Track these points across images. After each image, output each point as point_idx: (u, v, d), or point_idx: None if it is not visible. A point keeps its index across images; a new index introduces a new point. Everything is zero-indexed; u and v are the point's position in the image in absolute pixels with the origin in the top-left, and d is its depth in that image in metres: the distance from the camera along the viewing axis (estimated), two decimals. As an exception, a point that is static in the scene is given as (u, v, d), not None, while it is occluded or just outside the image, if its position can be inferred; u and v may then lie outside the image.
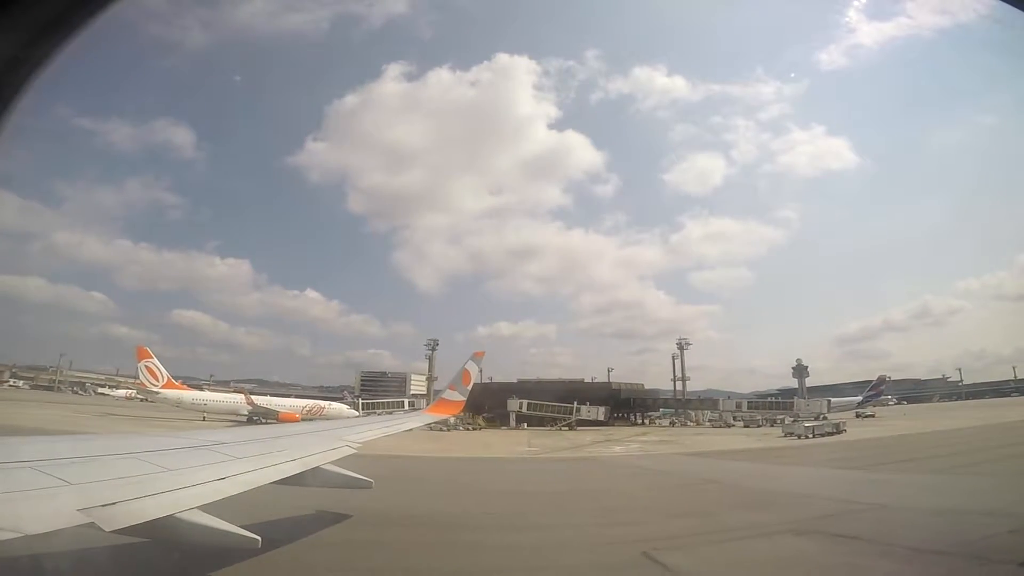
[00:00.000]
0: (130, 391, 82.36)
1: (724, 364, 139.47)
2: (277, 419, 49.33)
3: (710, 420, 69.47)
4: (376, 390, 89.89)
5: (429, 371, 74.30)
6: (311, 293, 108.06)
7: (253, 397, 56.10)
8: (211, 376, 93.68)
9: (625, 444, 46.68)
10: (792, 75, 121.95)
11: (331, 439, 11.00)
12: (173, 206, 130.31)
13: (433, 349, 74.50)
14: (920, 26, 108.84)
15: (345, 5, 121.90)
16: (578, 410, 65.35)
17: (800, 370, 77.13)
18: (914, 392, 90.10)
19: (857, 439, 42.92)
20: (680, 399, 75.02)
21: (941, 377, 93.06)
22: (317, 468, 9.12)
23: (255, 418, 49.55)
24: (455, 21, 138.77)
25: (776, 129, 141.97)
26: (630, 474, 29.56)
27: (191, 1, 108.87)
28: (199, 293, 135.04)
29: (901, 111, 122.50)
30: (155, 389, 55.13)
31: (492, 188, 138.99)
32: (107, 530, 4.98)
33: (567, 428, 62.50)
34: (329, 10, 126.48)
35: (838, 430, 47.83)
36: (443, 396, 22.79)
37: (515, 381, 76.62)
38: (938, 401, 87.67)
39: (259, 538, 6.28)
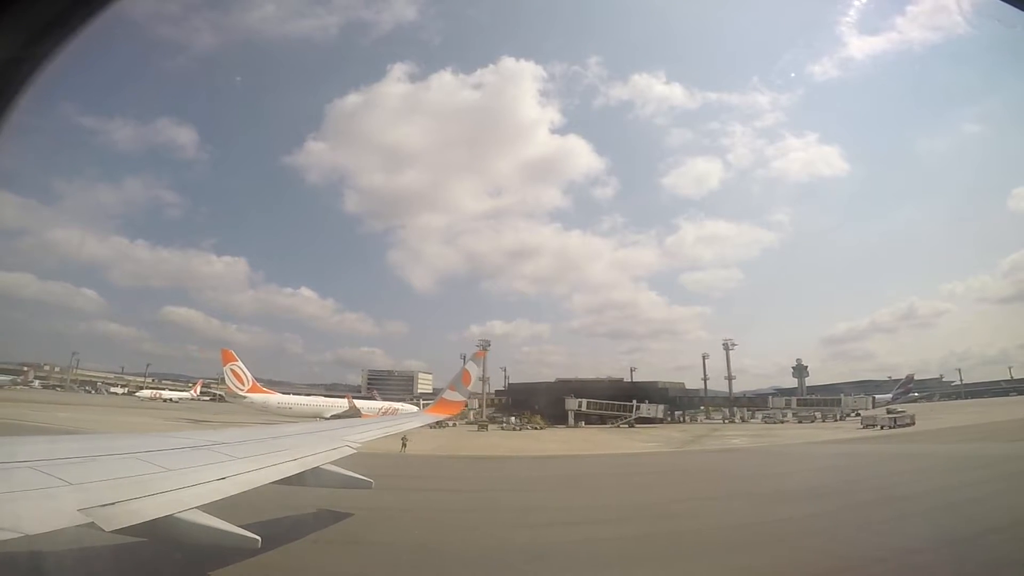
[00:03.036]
0: (155, 392, 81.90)
1: (713, 363, 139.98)
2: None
3: (764, 417, 69.44)
4: (382, 389, 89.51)
5: (482, 372, 73.31)
6: (305, 291, 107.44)
7: (356, 402, 56.47)
8: (219, 374, 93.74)
9: (728, 438, 47.72)
10: (787, 85, 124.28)
11: (331, 439, 10.99)
12: (172, 204, 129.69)
13: (485, 350, 73.76)
14: (909, 41, 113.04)
15: (355, 11, 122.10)
16: (637, 408, 65.40)
17: (800, 370, 78.14)
18: (914, 391, 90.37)
19: (941, 428, 44.28)
20: (728, 397, 76.05)
21: (938, 377, 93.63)
22: (317, 468, 9.09)
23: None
24: (462, 27, 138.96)
25: (771, 136, 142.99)
26: (838, 456, 33.26)
27: (202, 5, 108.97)
28: (193, 290, 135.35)
29: (890, 120, 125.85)
30: (242, 393, 54.73)
31: (492, 190, 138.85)
32: (107, 530, 4.97)
33: (627, 426, 62.18)
34: (339, 16, 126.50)
35: (912, 421, 49.29)
36: (443, 396, 22.82)
37: (554, 380, 76.98)
38: (939, 400, 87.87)
39: (259, 538, 6.27)
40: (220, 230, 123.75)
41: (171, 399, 79.18)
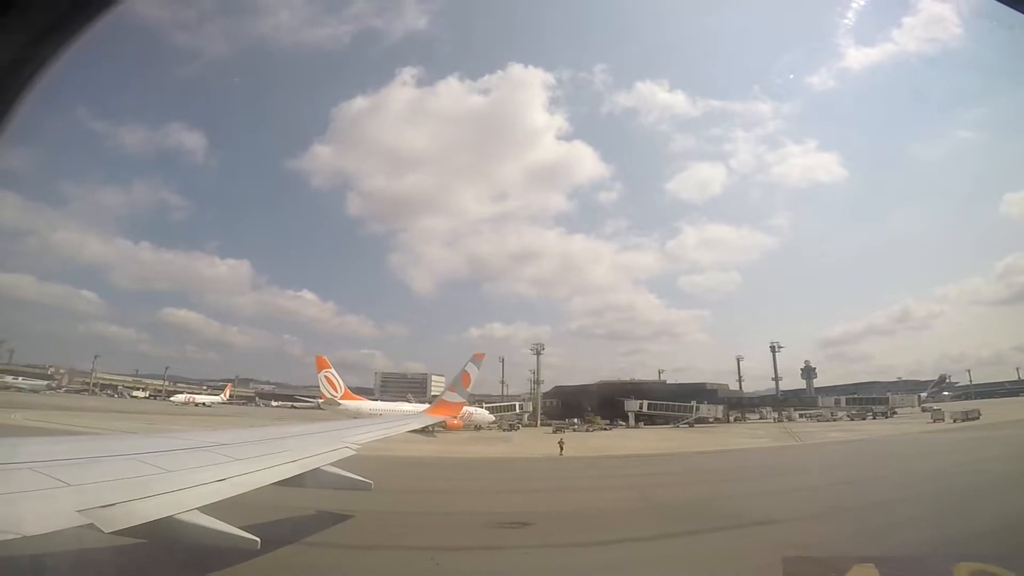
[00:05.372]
0: (189, 396, 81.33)
1: (710, 365, 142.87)
2: (447, 426, 47.83)
3: (817, 415, 69.40)
4: (393, 391, 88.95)
5: (536, 374, 73.62)
6: (307, 294, 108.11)
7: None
8: (236, 376, 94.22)
9: (817, 434, 50.39)
10: (787, 94, 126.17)
11: (331, 440, 10.99)
12: (177, 207, 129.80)
13: (538, 353, 73.58)
14: (904, 52, 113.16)
15: (366, 20, 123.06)
16: (697, 408, 65.93)
17: (808, 371, 78.55)
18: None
19: (1007, 420, 45.50)
20: (776, 398, 76.92)
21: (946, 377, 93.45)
22: (317, 469, 9.08)
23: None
24: (471, 34, 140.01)
25: (772, 143, 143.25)
26: (971, 440, 35.14)
27: (216, 12, 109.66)
28: (195, 293, 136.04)
29: (885, 127, 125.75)
30: (336, 399, 55.84)
31: (496, 194, 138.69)
32: (106, 531, 4.98)
33: (686, 426, 62.65)
34: (351, 25, 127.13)
35: (978, 415, 51.77)
36: (443, 398, 22.90)
37: (594, 383, 77.62)
38: (950, 400, 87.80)
39: (258, 539, 6.27)
40: (224, 233, 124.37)
41: (204, 403, 78.21)
